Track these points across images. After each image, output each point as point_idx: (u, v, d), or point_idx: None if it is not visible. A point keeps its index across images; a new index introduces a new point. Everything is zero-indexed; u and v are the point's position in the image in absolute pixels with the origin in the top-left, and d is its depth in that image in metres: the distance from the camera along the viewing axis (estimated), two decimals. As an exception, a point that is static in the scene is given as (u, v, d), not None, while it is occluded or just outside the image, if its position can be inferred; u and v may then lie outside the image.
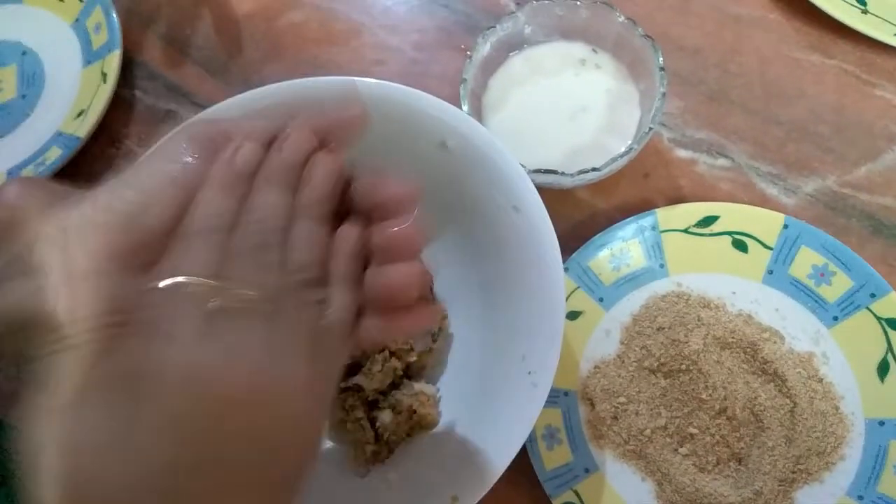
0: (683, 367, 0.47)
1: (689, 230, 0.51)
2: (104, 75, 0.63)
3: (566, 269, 0.50)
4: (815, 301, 0.48)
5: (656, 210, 0.51)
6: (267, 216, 0.26)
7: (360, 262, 0.28)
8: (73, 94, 0.65)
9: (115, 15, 0.65)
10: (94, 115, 0.61)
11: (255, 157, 0.28)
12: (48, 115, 0.64)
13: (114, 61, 0.63)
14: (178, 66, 0.67)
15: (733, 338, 0.47)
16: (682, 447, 0.46)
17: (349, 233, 0.28)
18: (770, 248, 0.50)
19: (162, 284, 0.24)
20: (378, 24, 0.66)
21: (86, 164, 0.61)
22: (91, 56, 0.65)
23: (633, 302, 0.50)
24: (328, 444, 0.46)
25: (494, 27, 0.54)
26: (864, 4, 0.57)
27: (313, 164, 0.28)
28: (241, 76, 0.65)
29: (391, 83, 0.44)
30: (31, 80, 0.67)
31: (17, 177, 0.60)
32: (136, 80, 0.66)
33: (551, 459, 0.46)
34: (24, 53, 0.69)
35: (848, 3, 0.57)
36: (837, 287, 0.48)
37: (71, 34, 0.68)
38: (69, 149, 0.60)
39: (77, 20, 0.68)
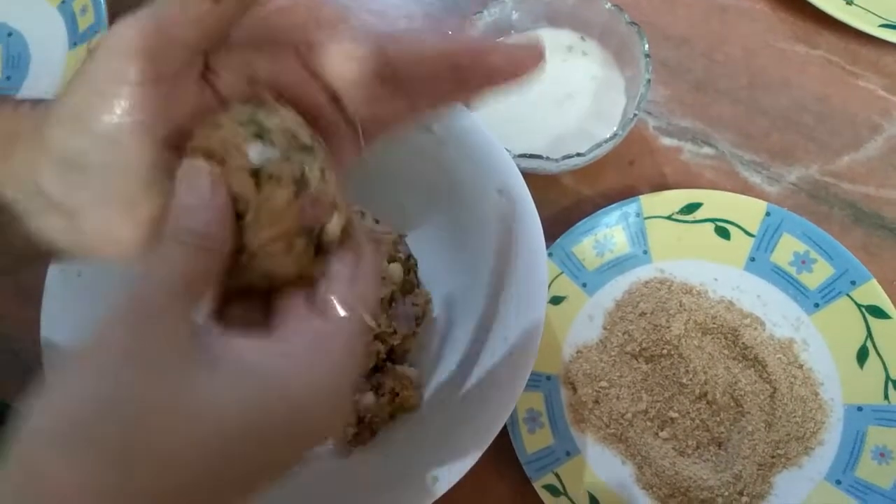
0: (665, 352, 0.47)
1: (673, 217, 0.51)
2: (90, 57, 0.62)
3: (550, 255, 0.50)
4: (796, 288, 0.49)
5: (640, 197, 0.51)
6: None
7: None
8: (58, 76, 0.64)
9: (101, -4, 0.64)
10: (79, 96, 0.60)
11: None
12: (33, 97, 0.64)
13: (100, 43, 0.62)
14: (164, 50, 0.66)
15: (714, 323, 0.48)
16: (662, 431, 0.46)
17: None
18: (752, 236, 0.50)
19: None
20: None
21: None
22: (77, 38, 0.65)
23: (616, 287, 0.51)
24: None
25: (482, 13, 0.54)
26: (849, -5, 0.57)
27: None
28: (227, 60, 0.65)
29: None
30: (16, 62, 0.66)
31: None
32: (122, 62, 0.66)
33: (533, 442, 0.46)
34: (9, 35, 0.68)
35: (833, -7, 0.57)
36: (818, 274, 0.48)
37: (57, 15, 0.67)
38: (54, 130, 0.59)
39: (63, 1, 0.67)
